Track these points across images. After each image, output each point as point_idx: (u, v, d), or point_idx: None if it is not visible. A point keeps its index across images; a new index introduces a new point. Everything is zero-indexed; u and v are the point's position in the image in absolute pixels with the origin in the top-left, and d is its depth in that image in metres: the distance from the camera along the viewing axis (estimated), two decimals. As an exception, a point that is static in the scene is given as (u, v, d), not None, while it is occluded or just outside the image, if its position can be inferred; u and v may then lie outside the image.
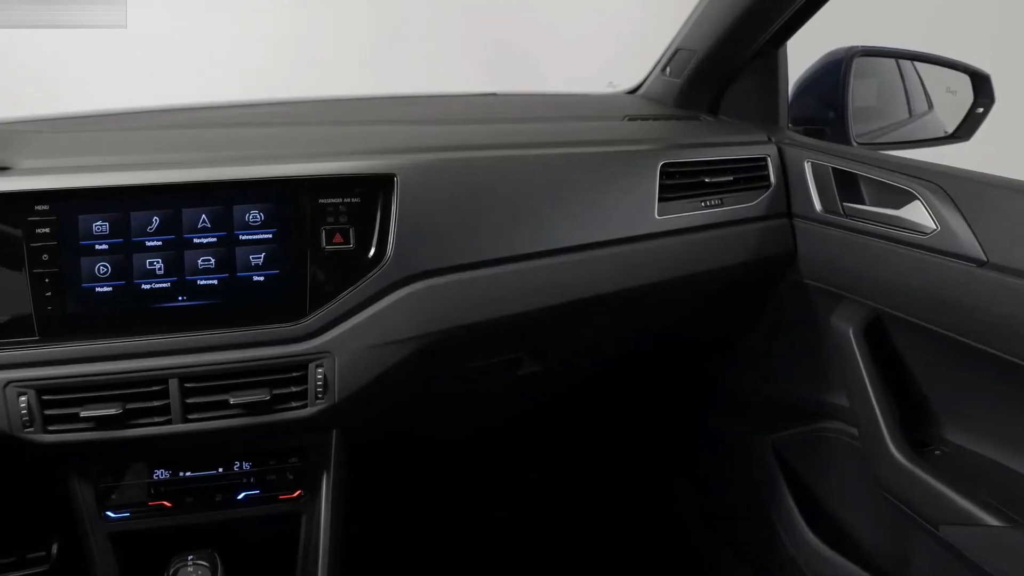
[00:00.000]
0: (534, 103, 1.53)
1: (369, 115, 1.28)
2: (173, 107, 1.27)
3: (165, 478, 0.98)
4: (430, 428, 1.26)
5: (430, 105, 1.44)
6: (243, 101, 1.35)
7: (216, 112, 1.26)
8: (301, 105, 1.35)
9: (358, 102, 1.42)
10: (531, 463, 1.67)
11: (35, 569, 1.37)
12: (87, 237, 0.92)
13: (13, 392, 0.89)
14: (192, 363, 0.92)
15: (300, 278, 0.95)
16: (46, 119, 1.18)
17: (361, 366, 0.94)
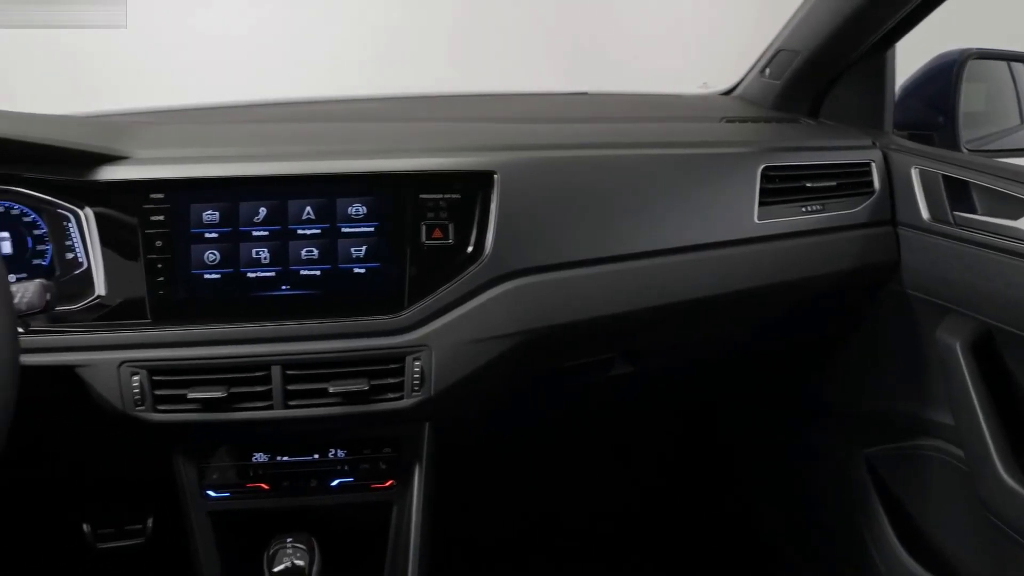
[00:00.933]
0: (627, 103, 1.52)
1: (465, 112, 1.29)
2: (273, 101, 1.31)
3: (263, 461, 1.01)
4: (518, 425, 1.27)
5: (523, 103, 1.45)
6: (340, 97, 1.38)
7: (315, 107, 1.29)
8: (397, 101, 1.37)
9: (452, 99, 1.43)
10: (612, 466, 1.66)
11: (131, 541, 1.43)
12: (198, 225, 0.96)
13: (127, 372, 0.93)
14: (294, 351, 0.94)
15: (399, 272, 0.96)
16: (155, 111, 1.24)
17: (457, 361, 0.95)
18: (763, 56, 1.39)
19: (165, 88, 3.11)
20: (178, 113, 1.20)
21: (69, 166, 0.95)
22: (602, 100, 1.53)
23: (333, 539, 0.99)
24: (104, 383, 0.93)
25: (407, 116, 1.21)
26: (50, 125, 0.96)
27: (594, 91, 1.56)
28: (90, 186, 0.95)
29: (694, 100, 1.50)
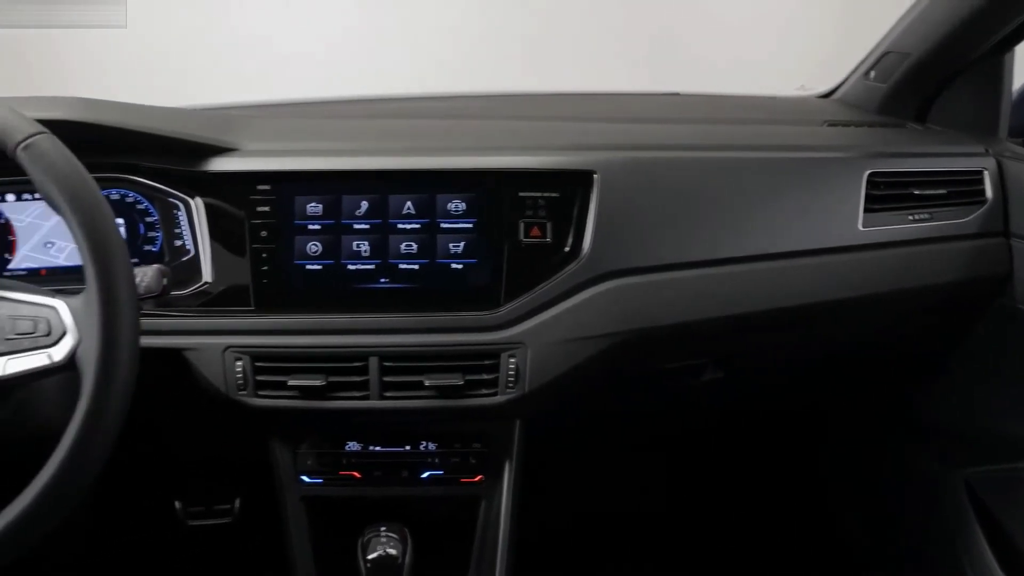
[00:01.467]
0: (720, 104, 1.49)
1: (559, 111, 1.29)
2: (371, 97, 1.33)
3: (356, 450, 1.03)
4: (605, 427, 1.26)
5: (614, 102, 1.44)
6: (435, 93, 1.39)
7: (412, 103, 1.31)
8: (490, 99, 1.38)
9: (544, 98, 1.43)
10: (695, 471, 1.63)
11: (219, 520, 1.48)
12: (302, 217, 0.98)
13: (231, 357, 0.96)
14: (391, 343, 0.96)
15: (497, 268, 0.97)
16: (260, 105, 1.27)
17: (552, 359, 0.95)
18: (868, 58, 1.35)
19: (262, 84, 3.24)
20: (282, 107, 1.23)
21: (182, 157, 0.99)
22: (694, 101, 1.51)
23: (421, 530, 1.00)
24: (209, 367, 0.96)
25: (502, 114, 1.22)
26: (165, 117, 1.00)
27: (685, 92, 1.54)
28: (201, 176, 0.98)
29: (792, 103, 1.46)
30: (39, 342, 0.73)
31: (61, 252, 1.06)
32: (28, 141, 0.72)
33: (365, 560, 0.90)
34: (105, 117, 0.92)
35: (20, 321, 0.74)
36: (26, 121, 0.73)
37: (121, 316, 0.71)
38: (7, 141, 0.72)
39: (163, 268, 0.92)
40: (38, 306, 0.75)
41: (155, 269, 0.90)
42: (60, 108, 0.90)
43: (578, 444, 1.37)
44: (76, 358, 0.72)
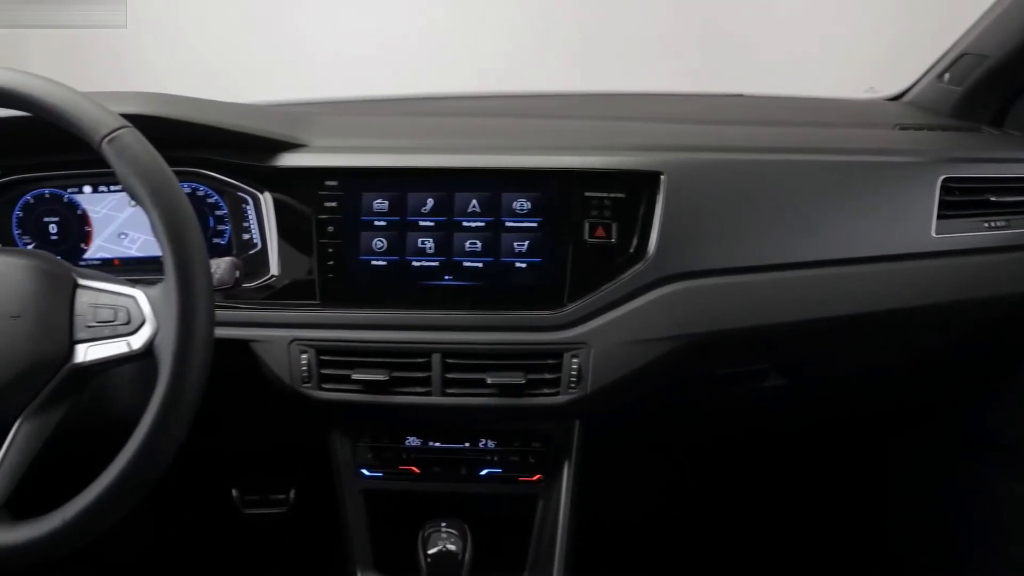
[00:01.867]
0: (785, 106, 1.47)
1: (622, 111, 1.28)
2: (436, 95, 1.33)
3: (416, 445, 1.04)
4: (663, 430, 1.25)
5: (677, 103, 1.42)
6: (498, 92, 1.39)
7: (476, 102, 1.31)
8: (552, 98, 1.38)
9: (606, 97, 1.43)
10: (752, 477, 1.61)
11: (275, 509, 1.50)
12: (368, 213, 0.99)
13: (296, 349, 0.98)
14: (454, 340, 0.96)
15: (561, 268, 0.97)
16: (327, 102, 1.29)
17: (615, 360, 0.95)
18: (941, 60, 1.31)
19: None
20: (347, 104, 1.24)
21: (253, 152, 1.00)
22: (758, 103, 1.48)
23: (478, 526, 1.00)
24: (275, 359, 0.98)
25: (566, 113, 1.22)
26: (237, 113, 1.01)
27: (748, 93, 1.51)
28: (270, 171, 1.00)
29: (860, 105, 1.43)
30: (119, 330, 0.75)
31: (134, 243, 1.09)
32: (113, 135, 0.73)
33: (425, 554, 0.91)
34: (182, 112, 0.94)
35: (101, 309, 0.76)
36: (111, 115, 0.75)
37: (198, 307, 0.73)
38: (93, 135, 0.73)
39: (236, 261, 0.94)
40: (118, 295, 0.77)
41: (229, 261, 0.92)
42: (141, 103, 0.92)
43: (634, 444, 1.36)
44: (154, 346, 0.74)
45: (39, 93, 0.74)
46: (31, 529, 0.72)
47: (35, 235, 1.09)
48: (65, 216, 1.08)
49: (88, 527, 0.73)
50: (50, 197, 1.07)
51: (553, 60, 3.51)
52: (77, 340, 0.75)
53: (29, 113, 0.76)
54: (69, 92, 0.75)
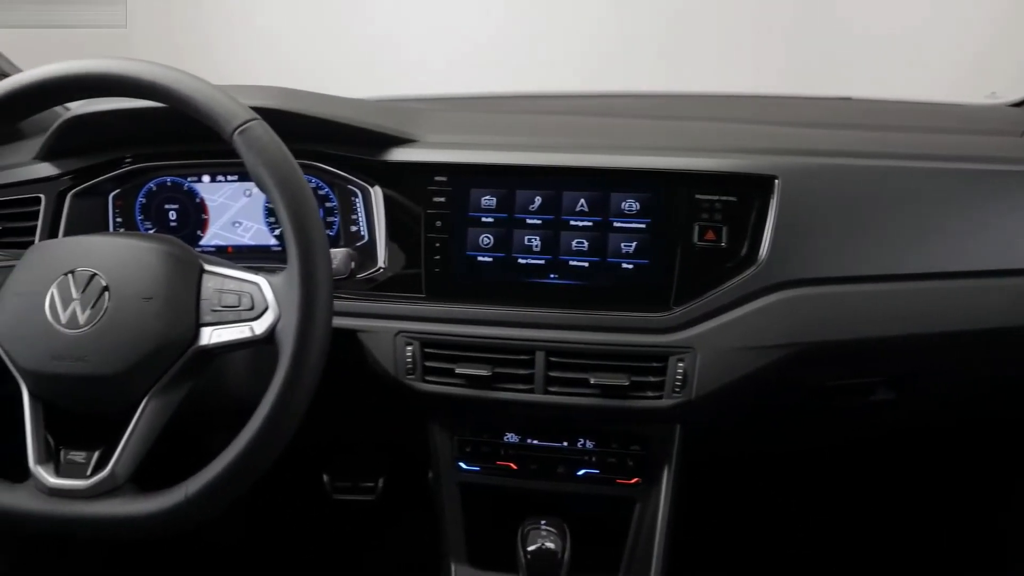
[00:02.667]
0: (900, 110, 1.41)
1: (729, 112, 1.26)
2: (541, 93, 1.34)
3: (514, 442, 1.04)
4: (764, 437, 1.22)
5: (786, 106, 1.39)
6: (604, 91, 1.39)
7: (581, 100, 1.31)
8: (660, 99, 1.36)
9: (714, 100, 1.40)
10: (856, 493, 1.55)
11: (363, 496, 1.53)
12: (476, 209, 1.00)
13: (402, 341, 0.99)
14: (558, 339, 0.96)
15: (668, 270, 0.96)
16: (433, 98, 1.30)
17: (722, 366, 0.93)
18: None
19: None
20: (456, 101, 1.26)
21: (365, 146, 1.02)
22: (869, 106, 1.43)
23: (573, 526, 1.00)
24: (381, 350, 1.00)
25: (672, 114, 1.20)
26: (351, 107, 1.04)
27: (858, 96, 1.47)
28: (382, 165, 1.02)
29: (981, 111, 1.37)
30: (243, 315, 0.78)
31: (247, 232, 1.13)
32: (244, 126, 0.76)
33: (525, 551, 0.91)
34: (304, 106, 0.97)
35: (226, 295, 0.79)
36: (242, 108, 0.77)
37: (319, 296, 0.75)
38: (225, 126, 0.76)
39: (351, 252, 0.96)
40: (242, 281, 0.79)
41: (345, 252, 0.95)
42: (267, 97, 0.95)
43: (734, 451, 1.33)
44: (276, 332, 0.76)
45: (177, 85, 0.77)
46: (156, 502, 0.76)
47: (156, 221, 1.13)
48: (184, 204, 1.12)
49: (209, 503, 0.75)
50: (171, 185, 1.12)
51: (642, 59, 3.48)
52: (203, 323, 0.78)
53: (166, 104, 0.79)
54: (204, 85, 0.78)
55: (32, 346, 0.78)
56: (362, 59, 3.72)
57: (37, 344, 0.78)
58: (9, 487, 0.79)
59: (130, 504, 0.76)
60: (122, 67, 0.77)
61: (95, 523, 0.76)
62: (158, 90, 0.77)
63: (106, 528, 0.76)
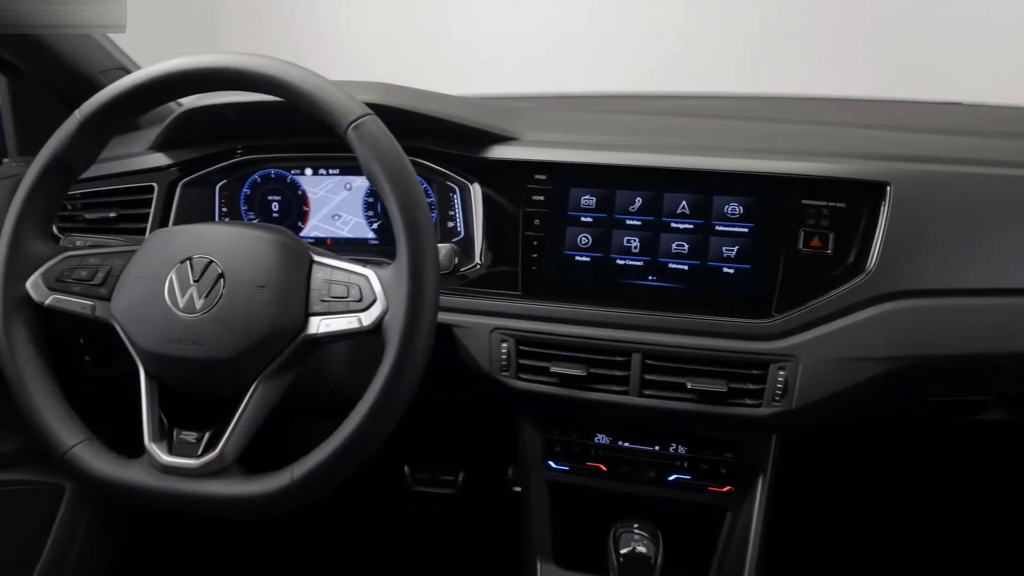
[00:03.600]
0: (1015, 116, 1.35)
1: (840, 117, 1.22)
2: (639, 93, 1.33)
3: (604, 443, 1.03)
4: (863, 451, 1.18)
5: (894, 110, 1.34)
6: (704, 93, 1.37)
7: (680, 101, 1.29)
8: (762, 101, 1.34)
9: (820, 102, 1.37)
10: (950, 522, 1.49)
11: (443, 489, 1.55)
12: (575, 209, 1.00)
13: (497, 338, 1.00)
14: (656, 342, 0.95)
15: (771, 276, 0.94)
16: (532, 96, 1.30)
17: (825, 377, 0.91)
18: None
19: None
20: (553, 100, 1.26)
21: (466, 143, 1.03)
22: (982, 112, 1.37)
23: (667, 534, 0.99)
24: (476, 345, 1.01)
25: (775, 116, 1.17)
26: (454, 104, 1.04)
27: (968, 101, 1.41)
28: (482, 162, 1.02)
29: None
30: (351, 306, 0.79)
31: (346, 225, 1.15)
32: (358, 121, 0.77)
33: (617, 554, 0.90)
34: (407, 102, 0.98)
35: (335, 286, 0.80)
36: (357, 103, 0.79)
37: (426, 290, 0.76)
38: (340, 120, 0.78)
39: (455, 247, 0.97)
40: (351, 273, 0.81)
41: (449, 248, 0.96)
42: (379, 93, 0.97)
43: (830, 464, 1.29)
44: (383, 324, 0.77)
45: (296, 80, 0.79)
46: (263, 484, 0.78)
47: (259, 211, 1.17)
48: (287, 195, 1.15)
49: (313, 487, 0.77)
50: (275, 177, 1.15)
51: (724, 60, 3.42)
52: (312, 312, 0.80)
53: (284, 99, 0.81)
54: (322, 80, 0.79)
55: (150, 328, 0.81)
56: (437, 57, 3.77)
57: (155, 327, 0.81)
58: (125, 462, 0.82)
59: (238, 485, 0.78)
60: (246, 62, 0.79)
61: (205, 501, 0.78)
62: (277, 84, 0.79)
63: (214, 506, 0.78)
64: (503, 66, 3.73)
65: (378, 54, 3.69)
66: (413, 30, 3.84)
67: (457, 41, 3.80)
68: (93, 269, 0.86)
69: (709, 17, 3.47)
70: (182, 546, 1.57)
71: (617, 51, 3.56)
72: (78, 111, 0.85)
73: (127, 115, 0.86)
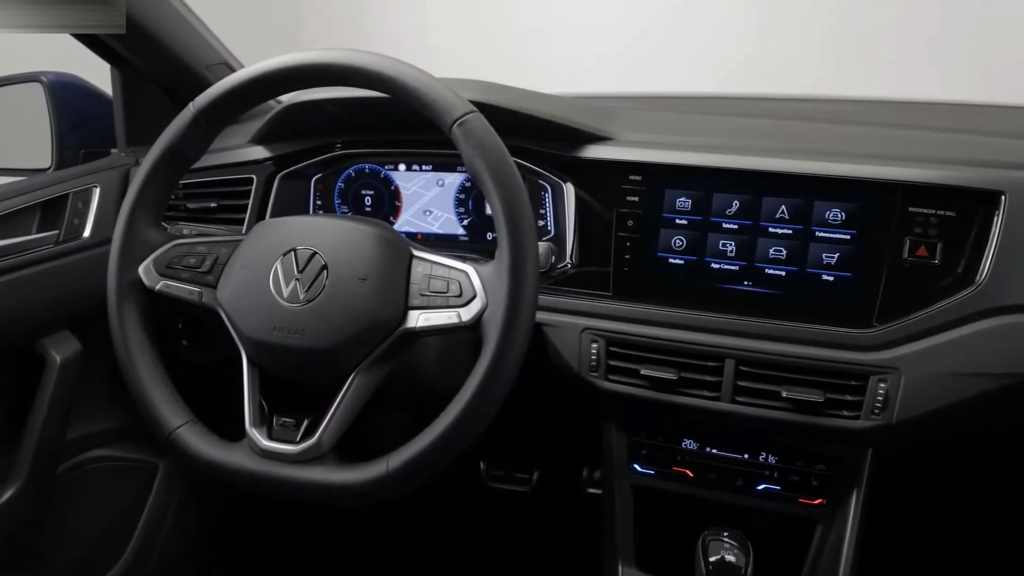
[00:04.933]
0: None
1: (942, 121, 1.17)
2: (734, 95, 1.31)
3: (692, 449, 1.02)
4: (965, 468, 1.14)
5: (1002, 116, 1.28)
6: (797, 95, 1.34)
7: (773, 104, 1.27)
8: (858, 104, 1.30)
9: (913, 106, 1.32)
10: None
11: (517, 487, 1.55)
12: (670, 210, 0.99)
13: (587, 338, 0.99)
14: (750, 348, 0.93)
15: (873, 285, 0.91)
16: (625, 96, 1.30)
17: (929, 392, 0.87)
18: None
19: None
20: (647, 100, 1.25)
21: (561, 142, 1.03)
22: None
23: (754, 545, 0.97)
24: (565, 345, 1.00)
25: (876, 120, 1.13)
26: (549, 103, 1.04)
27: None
28: (577, 162, 1.02)
29: None
30: (450, 301, 0.80)
31: (437, 221, 1.17)
32: (463, 119, 0.78)
33: (706, 561, 0.89)
34: (508, 101, 0.99)
35: (434, 280, 0.81)
36: (462, 101, 0.79)
37: (526, 288, 0.76)
38: (445, 117, 0.78)
39: (551, 246, 0.97)
40: (451, 268, 0.81)
41: (547, 246, 0.96)
42: (481, 91, 0.98)
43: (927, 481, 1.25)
44: (482, 320, 0.77)
45: (403, 77, 0.80)
46: (359, 473, 0.79)
47: (352, 205, 1.19)
48: (380, 190, 1.17)
49: (407, 479, 0.78)
50: (369, 172, 1.17)
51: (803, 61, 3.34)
52: (411, 306, 0.81)
53: (389, 95, 0.82)
54: (427, 77, 0.80)
55: (254, 316, 0.83)
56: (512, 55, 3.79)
57: (259, 315, 0.83)
58: (227, 445, 0.84)
59: (334, 472, 0.80)
60: (357, 59, 0.80)
61: (302, 486, 0.80)
62: (386, 81, 0.80)
63: (311, 492, 0.80)
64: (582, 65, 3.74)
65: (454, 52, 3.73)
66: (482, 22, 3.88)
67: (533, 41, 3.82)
68: (201, 257, 0.89)
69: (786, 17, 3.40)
70: (267, 530, 1.61)
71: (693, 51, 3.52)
72: (192, 104, 0.88)
73: (239, 109, 0.89)
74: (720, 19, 3.51)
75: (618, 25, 3.69)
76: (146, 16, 1.13)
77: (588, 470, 1.45)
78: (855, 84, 3.30)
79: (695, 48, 3.55)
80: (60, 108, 1.25)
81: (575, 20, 3.77)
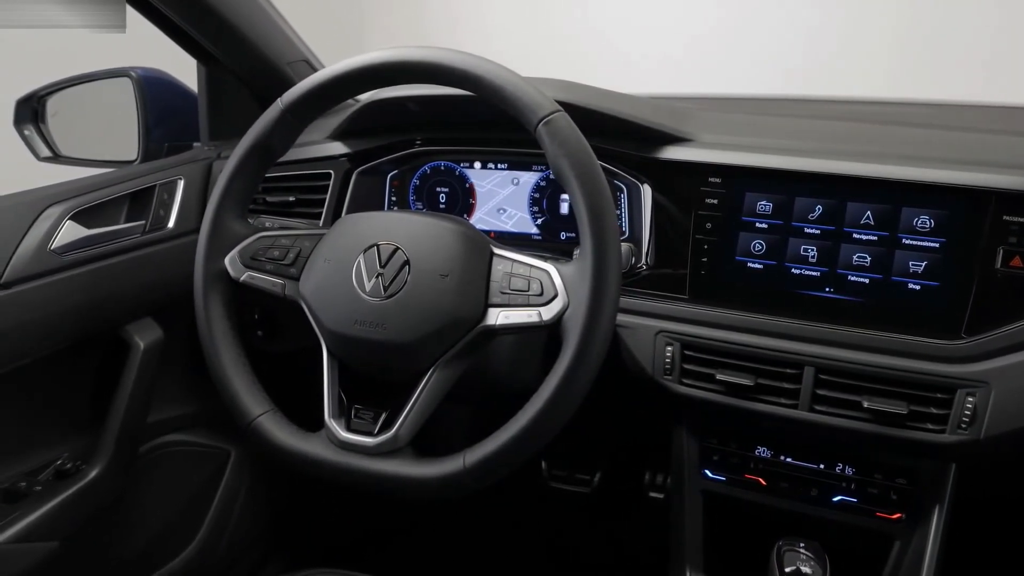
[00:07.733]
0: None
1: None
2: (812, 97, 1.28)
3: (766, 456, 1.01)
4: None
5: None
6: (875, 98, 1.31)
7: (853, 107, 1.24)
8: (940, 108, 1.25)
9: (1001, 110, 1.27)
10: None
11: (578, 488, 1.55)
12: (749, 214, 0.97)
13: (662, 340, 0.99)
14: (831, 356, 0.91)
15: (962, 296, 0.88)
16: (690, 97, 1.28)
17: (1021, 407, 0.84)
18: None
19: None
20: (713, 101, 1.23)
21: (640, 142, 1.02)
22: None
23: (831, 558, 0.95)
24: (639, 347, 1.00)
25: (964, 125, 1.09)
26: (629, 103, 1.04)
27: None
28: (655, 163, 1.01)
29: None
30: (531, 300, 0.80)
31: (510, 219, 1.17)
32: (549, 118, 0.78)
33: (782, 571, 0.87)
34: (591, 100, 0.99)
35: (515, 279, 0.81)
36: (548, 100, 0.79)
37: (609, 288, 0.76)
38: (531, 116, 0.78)
39: (632, 247, 0.97)
40: (532, 267, 0.81)
41: (628, 247, 0.95)
42: (564, 90, 0.98)
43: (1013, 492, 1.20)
44: (563, 320, 0.77)
45: (488, 75, 0.80)
46: (435, 467, 0.79)
47: (427, 202, 1.20)
48: (454, 187, 1.18)
49: (483, 475, 0.78)
50: (444, 169, 1.18)
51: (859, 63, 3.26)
52: (491, 304, 0.81)
53: (474, 93, 0.82)
54: (513, 75, 0.81)
55: (336, 309, 0.84)
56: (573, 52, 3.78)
57: (341, 308, 0.84)
58: (306, 435, 0.86)
59: (411, 466, 0.80)
60: (442, 57, 0.81)
61: (379, 479, 0.81)
62: (471, 79, 0.80)
63: (387, 485, 0.81)
64: (641, 65, 3.71)
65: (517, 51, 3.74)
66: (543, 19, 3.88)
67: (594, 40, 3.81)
68: (284, 250, 0.91)
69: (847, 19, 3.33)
70: (330, 521, 1.64)
71: (753, 53, 3.47)
72: (280, 100, 0.89)
73: (325, 105, 0.90)
74: (780, 21, 3.46)
75: (676, 27, 3.66)
76: (234, 13, 1.16)
77: (651, 474, 1.44)
78: (918, 88, 3.21)
79: (754, 49, 3.51)
80: (147, 102, 1.29)
81: (638, 19, 3.75)
